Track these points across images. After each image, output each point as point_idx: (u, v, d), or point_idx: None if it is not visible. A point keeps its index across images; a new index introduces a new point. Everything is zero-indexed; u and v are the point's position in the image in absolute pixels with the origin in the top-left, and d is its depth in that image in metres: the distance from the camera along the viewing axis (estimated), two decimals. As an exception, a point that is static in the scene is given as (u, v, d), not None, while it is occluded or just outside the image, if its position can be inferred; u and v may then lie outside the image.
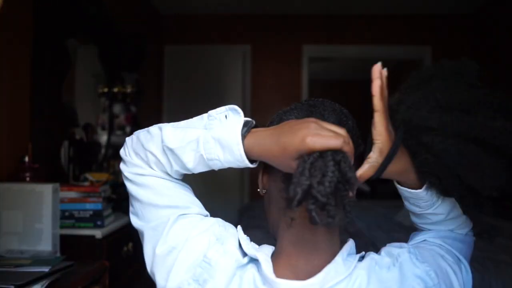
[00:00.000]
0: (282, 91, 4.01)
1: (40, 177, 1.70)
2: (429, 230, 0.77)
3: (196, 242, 0.65)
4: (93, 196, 1.74)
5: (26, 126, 1.86)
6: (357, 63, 5.64)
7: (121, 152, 0.76)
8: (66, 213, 1.70)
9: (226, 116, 0.66)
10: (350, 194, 0.56)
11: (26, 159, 1.69)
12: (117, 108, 2.94)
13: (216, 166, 0.66)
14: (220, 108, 0.68)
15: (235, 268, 0.64)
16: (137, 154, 0.72)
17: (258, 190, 0.75)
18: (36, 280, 1.18)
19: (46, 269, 1.25)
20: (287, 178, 0.59)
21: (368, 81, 0.64)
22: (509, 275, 1.81)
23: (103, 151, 2.69)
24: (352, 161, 0.57)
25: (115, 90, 2.88)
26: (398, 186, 0.74)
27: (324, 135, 0.56)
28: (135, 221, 0.73)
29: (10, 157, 1.72)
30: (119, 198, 2.04)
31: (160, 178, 0.71)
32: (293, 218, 0.64)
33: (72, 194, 1.73)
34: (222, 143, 0.63)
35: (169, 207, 0.69)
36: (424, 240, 0.75)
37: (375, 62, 0.65)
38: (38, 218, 1.48)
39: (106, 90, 2.81)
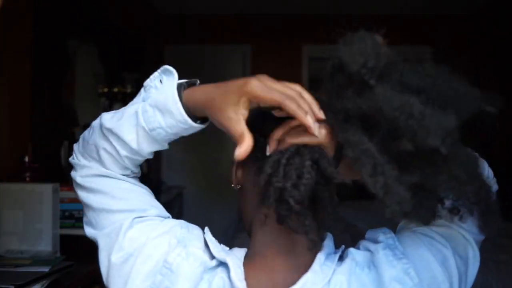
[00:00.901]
0: (282, 91, 4.01)
1: (40, 177, 1.69)
2: None
3: (154, 246, 0.59)
4: (93, 196, 1.74)
5: (26, 126, 1.86)
6: (357, 63, 5.65)
7: (70, 159, 0.69)
8: (66, 213, 1.69)
9: (161, 81, 0.63)
10: (332, 195, 0.52)
11: (26, 159, 1.69)
12: (117, 108, 2.93)
13: (161, 136, 0.60)
14: (154, 74, 0.64)
15: (201, 272, 0.57)
16: (83, 153, 0.66)
17: (232, 185, 0.69)
18: (36, 280, 1.18)
19: (46, 269, 1.25)
20: (261, 171, 0.54)
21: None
22: (509, 275, 1.81)
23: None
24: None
25: (115, 90, 2.88)
26: None
27: (272, 87, 0.53)
28: (89, 231, 0.66)
29: (10, 157, 1.71)
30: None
31: (113, 178, 0.64)
32: (267, 215, 0.58)
33: (72, 194, 1.73)
34: (160, 107, 0.59)
35: (124, 211, 0.62)
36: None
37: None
38: (38, 218, 1.48)
39: (106, 90, 2.81)
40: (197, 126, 0.61)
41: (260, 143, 0.59)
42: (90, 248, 1.73)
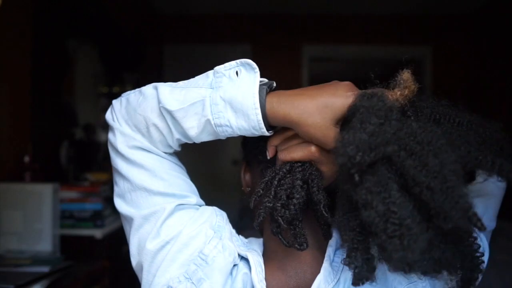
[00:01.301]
0: (282, 91, 4.01)
1: (40, 177, 1.69)
2: None
3: (191, 236, 0.57)
4: (93, 196, 1.74)
5: (26, 126, 1.86)
6: (357, 63, 5.64)
7: (107, 116, 0.62)
8: (66, 213, 1.70)
9: (237, 73, 0.57)
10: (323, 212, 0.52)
11: (26, 159, 1.69)
12: (117, 108, 2.93)
13: (226, 133, 0.55)
14: (230, 62, 0.58)
15: (231, 267, 0.57)
16: (128, 121, 0.60)
17: (242, 188, 0.69)
18: (36, 280, 1.18)
19: (46, 269, 1.25)
20: (263, 174, 0.56)
21: (368, 81, 0.61)
22: (509, 275, 1.81)
23: (103, 151, 2.69)
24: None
25: (115, 90, 2.88)
26: None
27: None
28: (120, 205, 0.61)
29: (10, 157, 1.71)
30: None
31: (156, 155, 0.60)
32: None
33: (72, 194, 1.73)
34: (235, 105, 0.53)
35: (165, 195, 0.58)
36: None
37: (375, 62, 0.61)
38: (38, 218, 1.48)
39: (106, 90, 2.81)
40: (268, 135, 0.55)
41: (261, 147, 0.61)
42: (90, 248, 1.74)
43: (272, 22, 4.03)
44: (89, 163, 2.44)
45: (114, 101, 0.63)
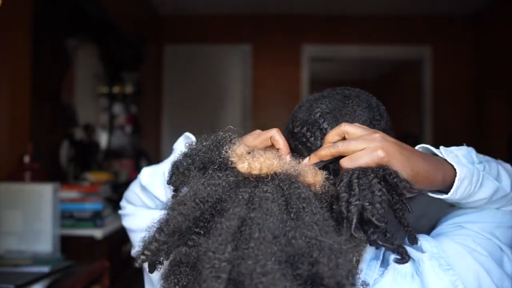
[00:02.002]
0: (282, 91, 4.01)
1: (40, 177, 1.70)
2: (467, 209, 0.65)
3: None
4: (93, 196, 1.74)
5: (26, 126, 1.86)
6: (357, 63, 5.64)
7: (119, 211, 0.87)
8: (66, 213, 1.70)
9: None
10: (409, 208, 0.50)
11: (26, 159, 1.69)
12: (117, 108, 2.94)
13: None
14: (179, 138, 0.77)
15: None
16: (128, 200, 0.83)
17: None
18: (36, 280, 1.18)
19: (46, 269, 1.25)
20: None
21: (368, 81, 0.61)
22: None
23: (103, 151, 2.69)
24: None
25: (115, 90, 2.88)
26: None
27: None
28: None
29: (10, 157, 1.71)
30: (119, 198, 2.04)
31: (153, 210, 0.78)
32: None
33: (72, 194, 1.73)
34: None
35: None
36: (460, 226, 0.63)
37: (375, 62, 0.61)
38: (38, 218, 1.48)
39: (106, 90, 2.81)
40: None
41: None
42: (90, 248, 1.73)
43: (272, 22, 4.03)
44: (89, 163, 2.44)
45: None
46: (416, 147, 0.62)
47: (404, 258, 0.51)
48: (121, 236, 1.88)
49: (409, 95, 5.15)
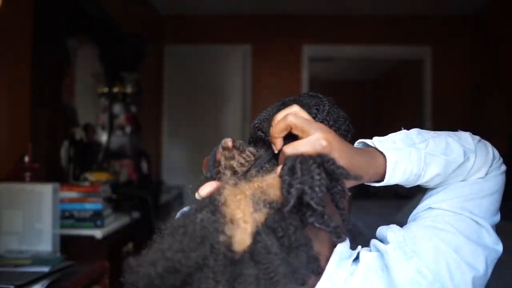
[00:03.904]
0: (282, 91, 4.01)
1: (40, 177, 1.69)
2: (437, 188, 0.64)
3: None
4: (93, 196, 1.74)
5: (26, 126, 1.86)
6: (357, 63, 5.64)
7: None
8: (66, 213, 1.70)
9: None
10: (346, 192, 0.51)
11: (26, 159, 1.69)
12: (117, 108, 2.93)
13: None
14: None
15: None
16: None
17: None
18: (36, 280, 1.18)
19: (46, 269, 1.25)
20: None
21: (368, 81, 0.61)
22: (509, 275, 1.81)
23: (103, 151, 2.69)
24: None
25: (115, 90, 2.88)
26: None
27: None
28: None
29: (10, 157, 1.71)
30: (119, 198, 2.04)
31: None
32: None
33: (72, 194, 1.73)
34: None
35: None
36: (430, 208, 0.63)
37: (375, 62, 0.61)
38: (38, 218, 1.48)
39: (106, 90, 2.81)
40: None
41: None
42: (90, 248, 1.74)
43: (272, 22, 4.03)
44: (89, 163, 2.44)
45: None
46: (355, 144, 0.63)
47: (340, 237, 0.51)
48: (121, 236, 1.88)
49: (409, 95, 5.15)
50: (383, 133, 0.65)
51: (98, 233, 1.69)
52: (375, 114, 6.63)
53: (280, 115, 0.56)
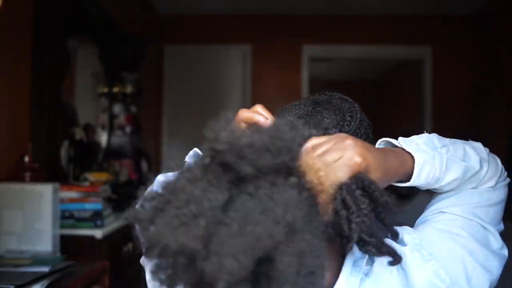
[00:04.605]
0: (282, 91, 4.01)
1: (40, 177, 1.70)
2: (448, 192, 0.65)
3: None
4: (93, 196, 1.74)
5: (26, 126, 1.86)
6: (357, 63, 5.64)
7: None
8: (66, 213, 1.70)
9: None
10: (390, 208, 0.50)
11: (26, 159, 1.69)
12: (117, 108, 2.93)
13: None
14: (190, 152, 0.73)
15: None
16: None
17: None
18: (36, 280, 1.19)
19: (46, 269, 1.25)
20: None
21: (368, 81, 0.61)
22: (510, 279, 1.81)
23: (103, 151, 2.69)
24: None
25: (115, 90, 2.88)
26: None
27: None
28: None
29: (10, 157, 1.72)
30: (119, 198, 2.04)
31: None
32: None
33: (72, 194, 1.73)
34: None
35: None
36: (441, 212, 0.63)
37: (375, 62, 0.61)
38: (38, 218, 1.48)
39: (106, 90, 2.81)
40: None
41: None
42: (90, 248, 1.73)
43: (272, 22, 4.03)
44: (89, 163, 2.44)
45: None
46: (378, 142, 0.63)
47: (399, 261, 0.51)
48: (121, 236, 1.88)
49: (409, 95, 5.15)
50: (383, 133, 0.65)
51: (98, 233, 1.69)
52: (375, 114, 6.62)
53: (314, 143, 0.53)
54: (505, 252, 0.63)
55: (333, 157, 0.50)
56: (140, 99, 3.20)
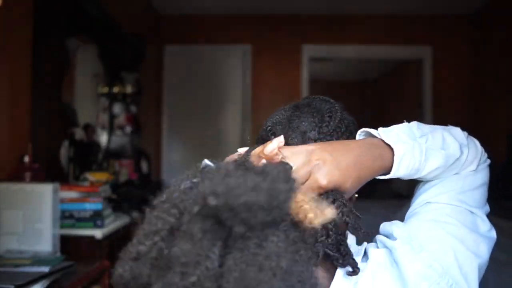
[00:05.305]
0: (282, 91, 4.01)
1: (40, 177, 1.70)
2: (431, 182, 0.65)
3: None
4: (93, 196, 1.74)
5: (26, 126, 1.86)
6: (357, 63, 5.64)
7: None
8: (66, 213, 1.70)
9: None
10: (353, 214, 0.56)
11: (26, 159, 1.69)
12: (117, 108, 2.94)
13: None
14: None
15: None
16: None
17: None
18: (36, 280, 1.18)
19: (46, 269, 1.25)
20: None
21: (368, 81, 0.62)
22: (509, 275, 1.81)
23: (103, 151, 2.69)
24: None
25: (115, 90, 2.88)
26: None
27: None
28: None
29: (10, 157, 1.72)
30: (119, 198, 2.05)
31: None
32: None
33: (72, 194, 1.73)
34: None
35: None
36: (427, 203, 0.63)
37: (375, 62, 0.62)
38: (38, 218, 1.48)
39: (106, 90, 2.81)
40: None
41: None
42: (90, 248, 1.73)
43: (272, 22, 4.03)
44: (89, 163, 2.44)
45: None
46: (358, 133, 0.65)
47: (354, 271, 0.55)
48: (121, 236, 1.88)
49: (409, 95, 5.15)
50: (382, 133, 0.64)
51: (98, 233, 1.69)
52: (375, 114, 6.63)
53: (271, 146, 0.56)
54: (493, 233, 0.63)
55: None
56: (140, 99, 3.20)
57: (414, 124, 0.65)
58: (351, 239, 0.61)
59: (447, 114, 3.89)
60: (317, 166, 0.55)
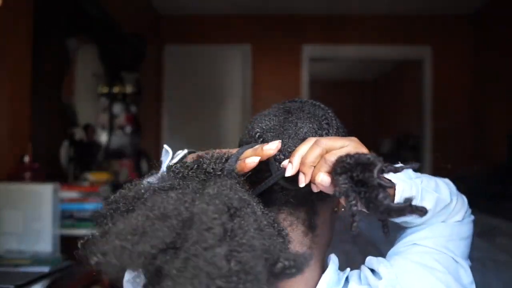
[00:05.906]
0: (282, 91, 4.01)
1: (40, 177, 1.69)
2: (420, 226, 0.65)
3: None
4: (93, 196, 1.74)
5: (26, 126, 1.86)
6: (357, 63, 5.64)
7: None
8: (66, 213, 1.70)
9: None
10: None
11: (26, 159, 1.69)
12: (117, 108, 2.94)
13: None
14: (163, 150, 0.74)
15: None
16: None
17: None
18: (36, 280, 1.18)
19: (46, 269, 1.25)
20: None
21: (368, 81, 0.61)
22: (509, 275, 1.81)
23: (103, 151, 2.69)
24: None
25: (115, 90, 2.88)
26: None
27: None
28: None
29: (10, 157, 1.72)
30: (119, 198, 2.04)
31: None
32: None
33: (72, 194, 1.73)
34: None
35: None
36: (414, 244, 0.63)
37: (375, 62, 0.61)
38: (38, 218, 1.48)
39: (106, 90, 2.81)
40: None
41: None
42: (90, 248, 1.72)
43: (272, 22, 4.03)
44: (89, 163, 2.44)
45: None
46: None
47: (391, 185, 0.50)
48: (121, 236, 1.88)
49: (409, 95, 5.15)
50: (383, 133, 0.64)
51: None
52: (375, 114, 6.63)
53: (304, 147, 0.53)
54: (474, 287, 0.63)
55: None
56: (140, 99, 3.20)
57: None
58: (333, 268, 0.60)
59: (447, 113, 3.89)
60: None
